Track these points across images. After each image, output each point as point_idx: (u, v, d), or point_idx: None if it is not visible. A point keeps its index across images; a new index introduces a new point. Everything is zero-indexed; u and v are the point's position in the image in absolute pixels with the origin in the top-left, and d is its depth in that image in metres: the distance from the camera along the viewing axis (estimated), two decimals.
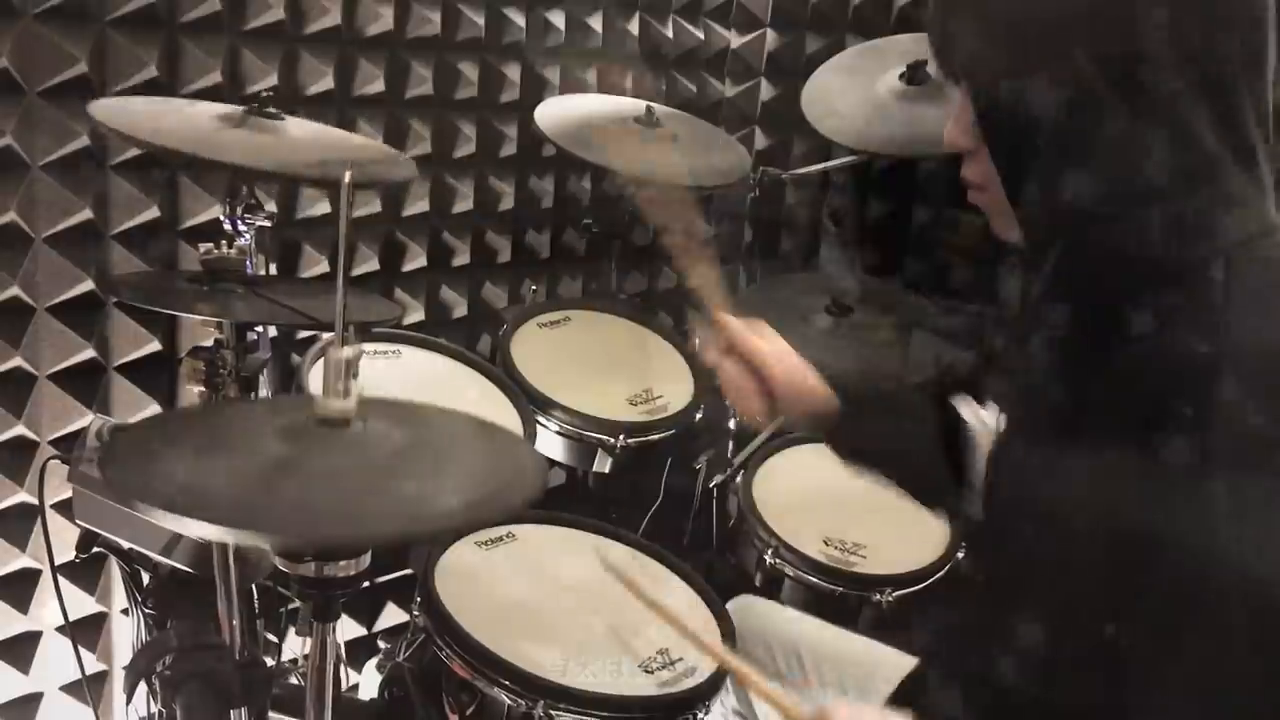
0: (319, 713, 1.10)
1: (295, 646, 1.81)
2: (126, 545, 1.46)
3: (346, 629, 2.19)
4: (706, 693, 1.36)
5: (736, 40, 2.59)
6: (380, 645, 2.18)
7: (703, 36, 2.52)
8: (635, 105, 2.10)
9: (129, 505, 1.33)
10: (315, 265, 2.02)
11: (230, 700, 1.33)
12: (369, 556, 1.03)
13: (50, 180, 1.68)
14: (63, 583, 1.60)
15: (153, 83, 1.72)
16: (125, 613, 1.85)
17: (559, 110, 2.05)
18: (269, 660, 1.70)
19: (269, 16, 1.84)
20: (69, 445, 1.75)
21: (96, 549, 1.49)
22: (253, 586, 1.51)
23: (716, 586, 1.61)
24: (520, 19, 2.18)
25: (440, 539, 1.48)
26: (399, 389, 1.63)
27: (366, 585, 1.06)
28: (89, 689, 1.74)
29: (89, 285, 1.75)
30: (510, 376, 1.82)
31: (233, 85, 1.81)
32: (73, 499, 1.44)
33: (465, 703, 1.36)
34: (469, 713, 1.36)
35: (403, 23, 2.02)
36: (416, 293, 2.21)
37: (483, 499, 0.94)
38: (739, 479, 1.87)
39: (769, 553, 1.72)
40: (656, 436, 1.85)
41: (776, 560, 1.71)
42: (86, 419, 1.79)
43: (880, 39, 2.23)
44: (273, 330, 1.63)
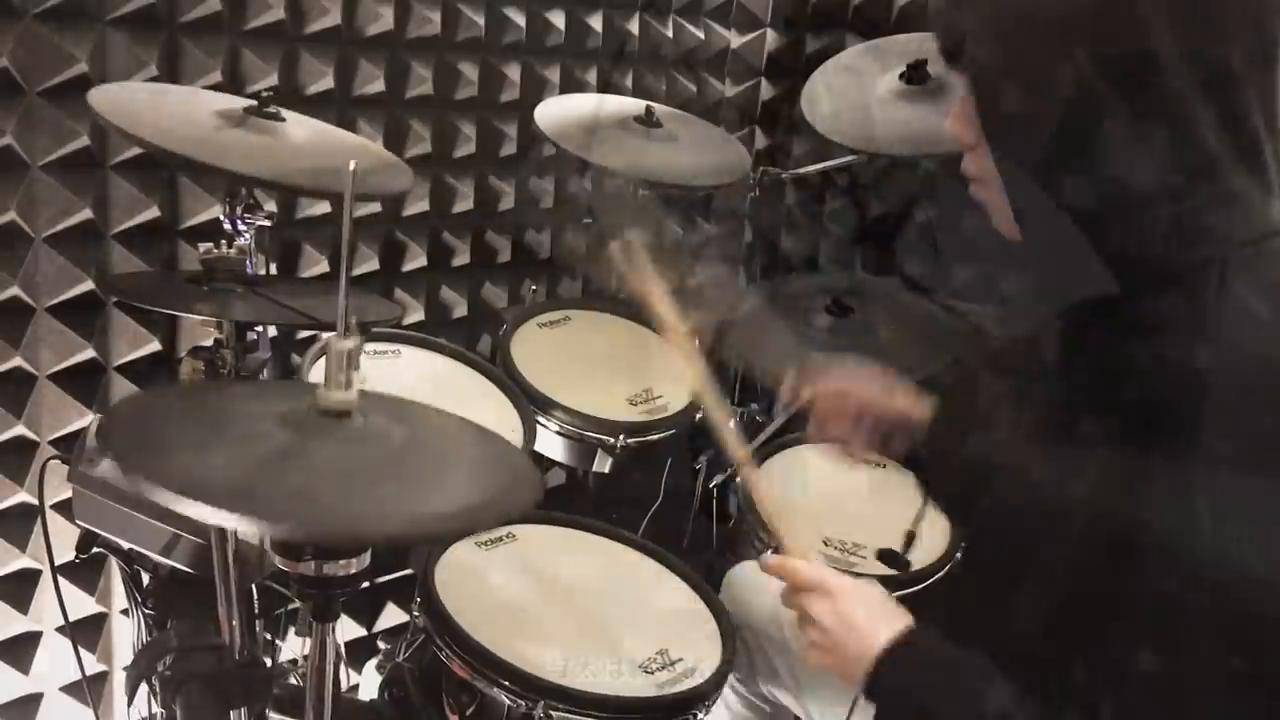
0: (319, 713, 1.10)
1: (295, 646, 1.81)
2: (126, 545, 1.47)
3: (346, 629, 2.19)
4: (706, 693, 1.36)
5: (736, 40, 2.59)
6: (380, 645, 2.19)
7: (703, 36, 2.52)
8: (635, 105, 2.10)
9: (130, 490, 1.33)
10: (315, 265, 2.02)
11: (230, 700, 1.33)
12: (369, 556, 1.03)
13: (50, 180, 1.68)
14: (63, 583, 1.61)
15: (153, 83, 1.72)
16: (125, 613, 1.85)
17: (559, 110, 2.05)
18: (269, 660, 1.70)
19: (269, 16, 1.84)
20: (69, 445, 1.76)
21: (96, 549, 1.49)
22: (253, 586, 1.50)
23: (716, 587, 1.61)
24: (520, 19, 2.18)
25: (439, 541, 1.48)
26: (399, 389, 1.64)
27: (366, 585, 1.06)
28: (89, 689, 1.74)
29: (89, 285, 1.75)
30: (510, 376, 1.82)
31: (233, 85, 1.81)
32: (73, 499, 1.45)
33: (465, 703, 1.37)
34: (469, 713, 1.36)
35: (403, 23, 2.02)
36: (416, 293, 2.21)
37: (481, 504, 0.94)
38: (739, 479, 1.87)
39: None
40: (656, 436, 1.85)
41: None
42: (86, 419, 1.79)
43: (880, 39, 2.23)
44: (272, 330, 1.63)
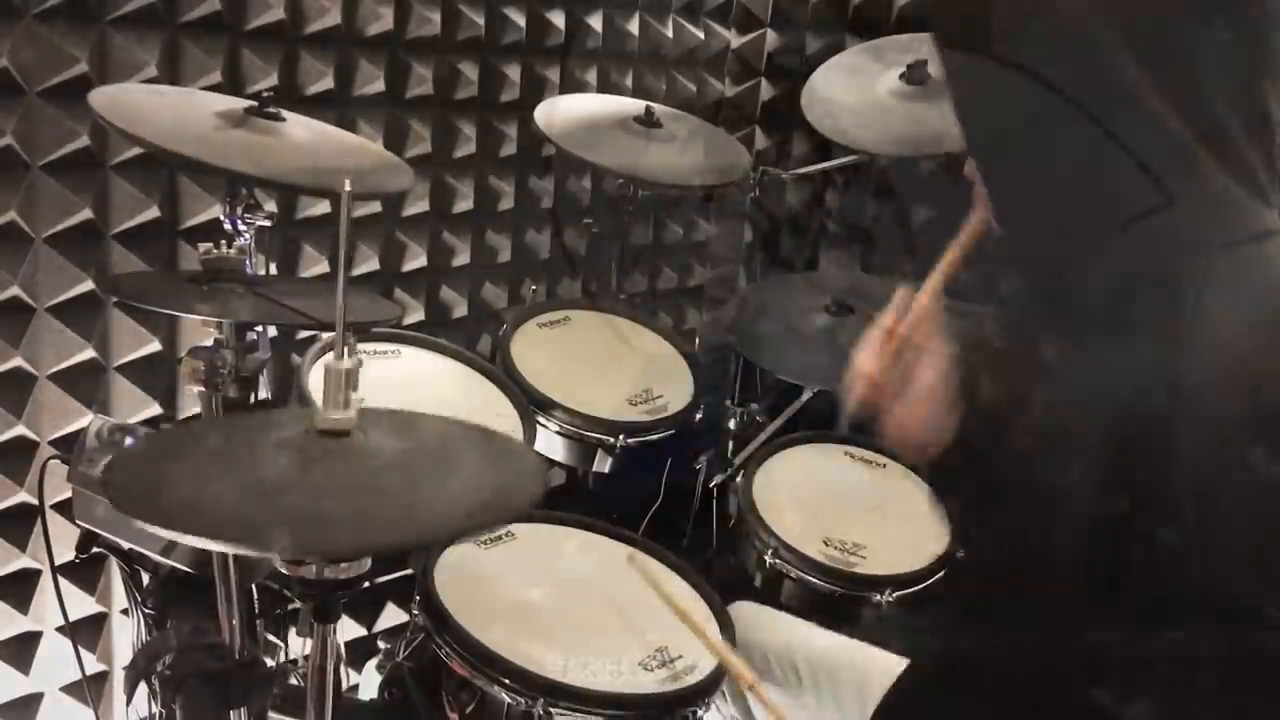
0: (319, 713, 1.10)
1: (295, 646, 1.81)
2: (126, 545, 1.47)
3: (346, 629, 2.19)
4: (705, 690, 1.36)
5: (736, 40, 2.59)
6: (380, 645, 2.18)
7: (703, 36, 2.52)
8: (635, 105, 2.10)
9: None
10: (315, 265, 2.02)
11: (230, 700, 1.33)
12: (370, 559, 1.04)
13: (50, 180, 1.68)
14: (63, 583, 1.61)
15: (153, 83, 1.72)
16: (125, 613, 1.85)
17: (559, 110, 2.05)
18: (269, 660, 1.70)
19: (269, 16, 1.84)
20: (69, 445, 1.75)
21: (96, 549, 1.49)
22: (253, 586, 1.51)
23: (716, 586, 1.61)
24: (520, 19, 2.18)
25: (441, 544, 1.48)
26: (399, 389, 1.64)
27: (366, 586, 1.06)
28: (89, 689, 1.74)
29: (89, 285, 1.75)
30: (510, 376, 1.81)
31: (233, 85, 1.81)
32: (73, 499, 1.45)
33: (465, 701, 1.36)
34: (469, 711, 1.36)
35: (403, 23, 2.02)
36: (416, 293, 2.21)
37: (483, 505, 0.95)
38: (739, 479, 1.87)
39: (769, 553, 1.72)
40: (656, 436, 1.85)
41: (776, 560, 1.71)
42: (86, 419, 1.78)
43: (880, 39, 2.23)
44: (273, 330, 1.63)
